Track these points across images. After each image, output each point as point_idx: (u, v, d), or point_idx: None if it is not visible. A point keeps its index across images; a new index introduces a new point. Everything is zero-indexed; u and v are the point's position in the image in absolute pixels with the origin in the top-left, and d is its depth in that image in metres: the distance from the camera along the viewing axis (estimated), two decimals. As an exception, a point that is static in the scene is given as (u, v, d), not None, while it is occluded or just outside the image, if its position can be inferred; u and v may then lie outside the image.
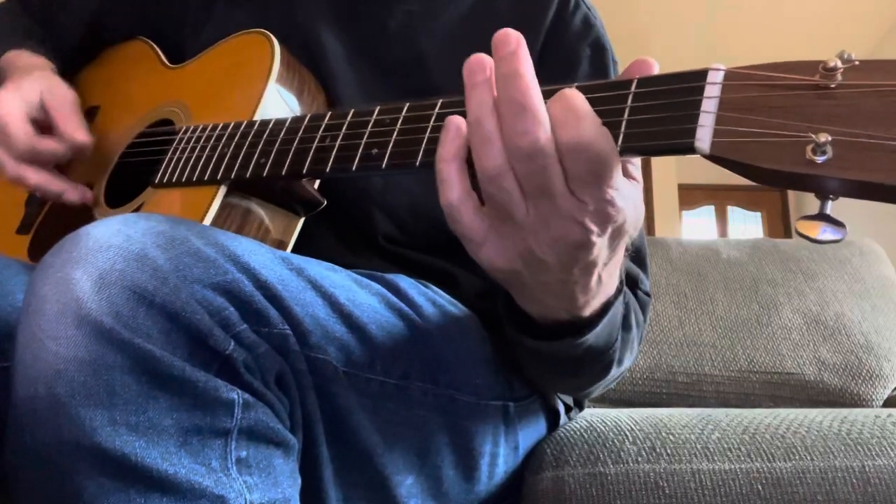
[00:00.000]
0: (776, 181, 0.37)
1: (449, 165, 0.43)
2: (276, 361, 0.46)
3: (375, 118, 0.53)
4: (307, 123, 0.58)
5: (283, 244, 0.65)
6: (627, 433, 0.70)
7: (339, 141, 0.55)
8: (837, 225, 0.36)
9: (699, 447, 0.68)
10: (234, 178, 0.60)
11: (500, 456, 0.65)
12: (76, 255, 0.42)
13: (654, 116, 0.40)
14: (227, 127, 0.64)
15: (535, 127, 0.40)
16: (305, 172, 0.56)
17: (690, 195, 5.36)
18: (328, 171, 0.55)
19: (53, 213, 0.80)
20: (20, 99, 0.73)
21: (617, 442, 0.69)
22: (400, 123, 0.51)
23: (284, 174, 0.57)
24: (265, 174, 0.58)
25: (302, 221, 0.67)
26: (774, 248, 1.48)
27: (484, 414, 0.62)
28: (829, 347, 1.30)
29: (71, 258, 0.42)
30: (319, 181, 0.66)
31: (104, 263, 0.41)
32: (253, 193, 0.63)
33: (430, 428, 0.57)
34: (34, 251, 0.77)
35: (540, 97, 0.40)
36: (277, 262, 0.48)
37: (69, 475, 0.39)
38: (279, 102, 0.66)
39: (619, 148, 0.40)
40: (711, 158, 0.38)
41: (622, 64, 0.47)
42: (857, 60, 0.36)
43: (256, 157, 0.59)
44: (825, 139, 0.34)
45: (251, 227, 0.63)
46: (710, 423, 0.72)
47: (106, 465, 0.39)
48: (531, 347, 0.55)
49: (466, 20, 0.76)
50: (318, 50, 0.73)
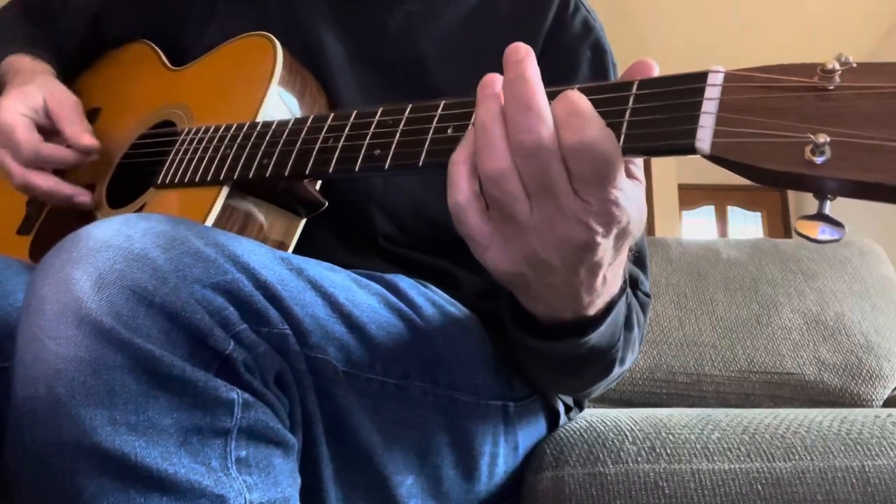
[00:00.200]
0: (775, 181, 0.37)
1: (459, 167, 0.44)
2: (275, 361, 0.46)
3: (378, 119, 0.53)
4: (310, 125, 0.58)
5: (284, 245, 0.65)
6: (627, 433, 0.70)
7: (342, 142, 0.55)
8: (836, 225, 0.36)
9: (699, 447, 0.68)
10: (236, 178, 0.61)
11: (499, 456, 0.65)
12: (76, 255, 0.42)
13: (655, 117, 0.41)
14: (229, 128, 0.64)
15: (538, 124, 0.40)
16: (308, 173, 0.56)
17: (690, 195, 5.35)
18: (331, 171, 0.55)
19: (54, 213, 0.80)
20: (24, 105, 0.73)
21: (617, 442, 0.69)
22: (403, 124, 0.51)
23: (287, 175, 0.57)
24: (268, 175, 0.58)
25: (303, 223, 0.67)
26: (774, 248, 1.48)
27: (484, 414, 0.62)
28: (829, 347, 1.30)
29: (71, 258, 0.42)
30: (321, 182, 0.66)
31: (104, 263, 0.41)
32: (255, 194, 0.63)
33: (429, 428, 0.57)
34: (35, 252, 0.77)
35: (545, 98, 0.41)
36: (277, 262, 0.48)
37: (69, 475, 0.39)
38: (281, 105, 0.67)
39: (620, 148, 0.41)
40: (711, 159, 0.38)
41: (622, 66, 0.48)
42: (854, 63, 0.37)
43: (259, 157, 0.60)
44: (824, 140, 0.35)
45: (252, 227, 0.63)
46: (709, 423, 0.72)
47: (106, 464, 0.39)
48: (535, 347, 0.55)
49: (467, 22, 0.76)
50: (318, 51, 0.73)
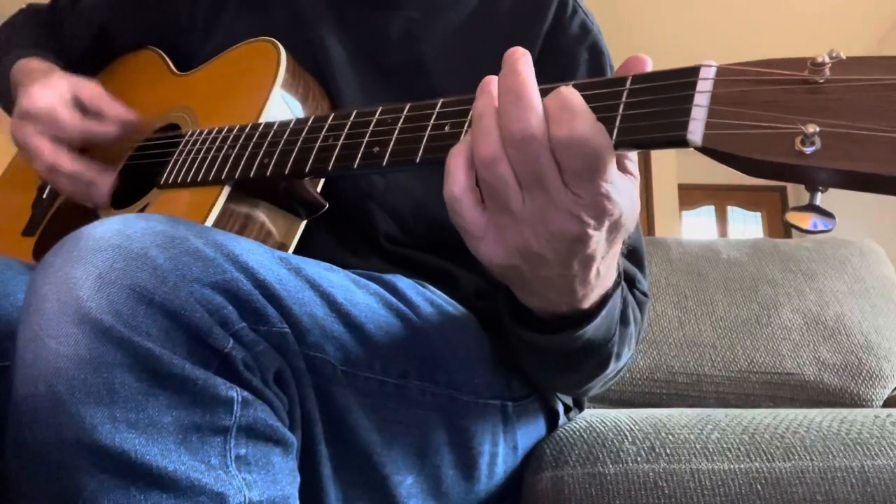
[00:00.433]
0: (766, 172, 0.38)
1: (457, 159, 0.45)
2: (274, 360, 0.46)
3: (377, 118, 0.54)
4: (310, 124, 0.59)
5: (284, 246, 0.66)
6: (627, 433, 0.70)
7: (341, 140, 0.55)
8: (827, 216, 0.37)
9: (698, 447, 0.68)
10: (237, 178, 0.61)
11: (499, 455, 0.65)
12: (76, 254, 0.42)
13: (648, 111, 0.41)
14: (232, 129, 0.65)
15: (528, 114, 0.41)
16: (308, 171, 0.57)
17: (690, 195, 5.36)
18: (330, 169, 0.55)
19: (58, 214, 0.80)
20: (55, 93, 0.74)
21: (616, 442, 0.69)
22: (401, 122, 0.52)
23: (287, 173, 0.58)
24: (268, 174, 0.59)
25: (304, 224, 0.67)
26: (774, 248, 1.48)
27: (482, 413, 0.62)
28: (829, 347, 1.30)
29: (71, 257, 0.42)
30: (322, 184, 0.67)
31: (104, 262, 0.41)
32: (256, 195, 0.63)
33: (428, 427, 0.58)
34: (39, 253, 0.78)
35: (536, 92, 0.42)
36: (276, 261, 0.49)
37: (69, 473, 0.39)
38: (284, 107, 0.67)
39: (613, 141, 0.41)
40: (703, 151, 0.39)
41: (617, 65, 0.48)
42: (844, 56, 0.37)
43: (260, 157, 0.60)
44: (813, 130, 0.35)
45: (253, 228, 0.63)
46: (709, 423, 0.72)
47: (106, 462, 0.39)
48: (531, 341, 0.55)
49: (466, 26, 0.77)
50: (321, 56, 0.74)
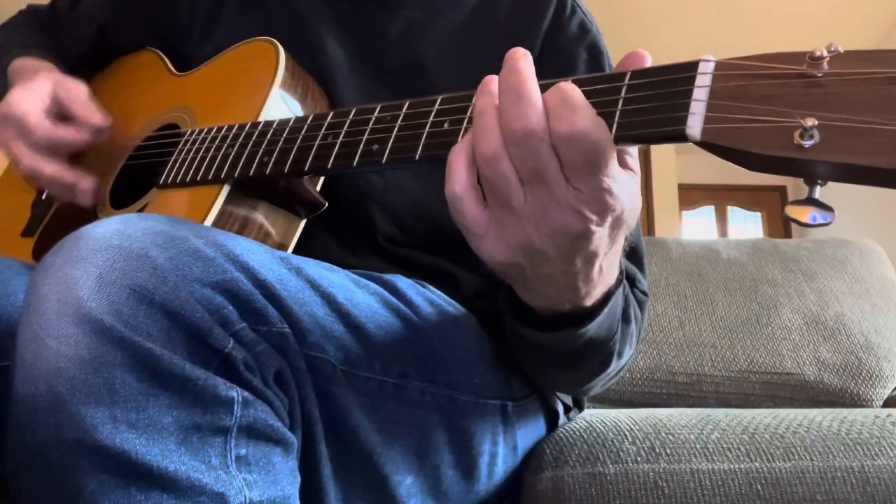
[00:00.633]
0: (765, 166, 0.38)
1: (458, 157, 0.45)
2: (275, 360, 0.46)
3: (377, 115, 0.54)
4: (310, 123, 0.59)
5: (283, 246, 0.66)
6: (627, 433, 0.70)
7: (340, 138, 0.55)
8: (826, 209, 0.37)
9: (698, 447, 0.68)
10: (237, 177, 0.61)
11: (499, 455, 0.65)
12: (76, 254, 0.42)
13: (647, 106, 0.41)
14: (231, 128, 0.64)
15: (528, 111, 0.41)
16: (307, 169, 0.57)
17: (690, 195, 5.36)
18: (330, 167, 0.55)
19: (58, 215, 0.80)
20: (33, 95, 0.75)
21: (616, 442, 0.69)
22: (401, 120, 0.52)
23: (287, 171, 0.58)
24: (268, 172, 0.59)
25: (303, 224, 0.67)
26: (774, 248, 1.48)
27: (482, 413, 0.62)
28: (828, 347, 1.30)
29: (71, 257, 0.42)
30: (321, 183, 0.67)
31: (104, 262, 0.41)
32: (255, 195, 0.63)
33: (428, 427, 0.58)
34: (38, 253, 0.78)
35: (536, 89, 0.42)
36: (276, 261, 0.49)
37: (70, 473, 0.39)
38: (283, 107, 0.67)
39: (613, 136, 0.41)
40: (702, 145, 0.39)
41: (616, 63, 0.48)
42: (842, 50, 0.37)
43: (260, 155, 0.60)
44: (812, 123, 0.35)
45: (253, 227, 0.63)
46: (709, 423, 0.72)
47: (106, 462, 0.39)
48: (533, 340, 0.55)
49: (465, 26, 0.77)
50: (321, 56, 0.74)
